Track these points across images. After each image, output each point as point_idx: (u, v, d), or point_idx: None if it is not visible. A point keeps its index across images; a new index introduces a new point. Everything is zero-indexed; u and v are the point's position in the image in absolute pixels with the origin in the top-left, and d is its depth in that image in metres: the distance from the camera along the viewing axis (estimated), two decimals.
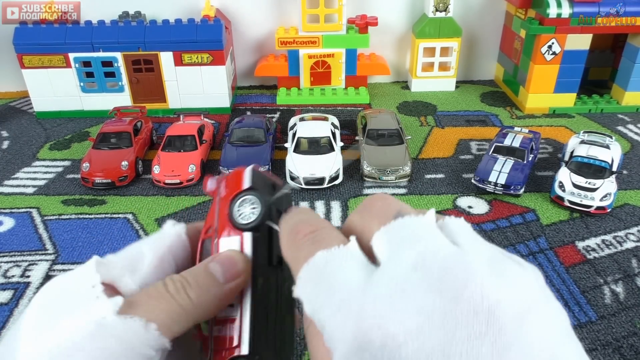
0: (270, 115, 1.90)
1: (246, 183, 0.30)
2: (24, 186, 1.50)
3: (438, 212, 0.29)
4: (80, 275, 0.26)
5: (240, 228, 0.29)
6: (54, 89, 1.85)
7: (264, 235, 0.30)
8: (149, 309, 0.25)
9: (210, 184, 0.32)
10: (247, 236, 0.29)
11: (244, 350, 0.27)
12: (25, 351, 0.23)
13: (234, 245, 0.29)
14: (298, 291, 0.23)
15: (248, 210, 0.29)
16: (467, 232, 0.22)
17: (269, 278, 0.30)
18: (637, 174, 1.53)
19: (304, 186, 1.45)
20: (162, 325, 0.25)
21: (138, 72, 1.84)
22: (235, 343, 0.27)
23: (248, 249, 0.29)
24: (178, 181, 1.46)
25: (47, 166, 1.60)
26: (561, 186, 1.37)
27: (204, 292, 0.27)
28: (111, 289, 0.27)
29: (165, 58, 1.81)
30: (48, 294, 0.26)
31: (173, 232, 0.32)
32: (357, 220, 0.25)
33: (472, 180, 1.45)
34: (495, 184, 1.40)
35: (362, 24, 1.94)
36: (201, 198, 1.43)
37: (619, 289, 1.11)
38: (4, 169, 1.59)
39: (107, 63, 1.82)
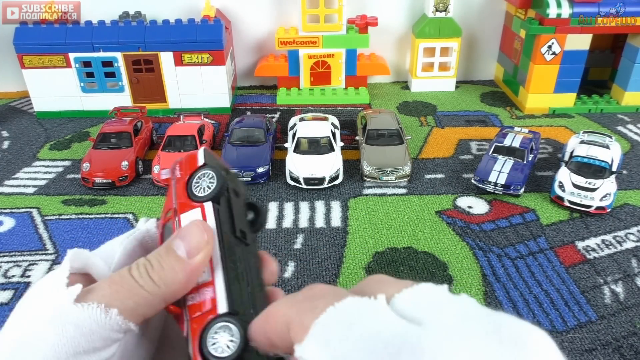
0: (270, 115, 1.90)
1: (200, 161, 0.31)
2: (24, 186, 1.50)
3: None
4: (57, 271, 0.27)
5: (199, 200, 0.29)
6: (54, 89, 1.85)
7: (225, 207, 0.30)
8: (109, 295, 0.25)
9: (165, 173, 0.32)
10: (208, 206, 0.29)
11: (222, 308, 0.27)
12: None
13: (195, 217, 0.29)
14: (310, 341, 0.19)
15: (206, 184, 0.30)
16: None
17: (234, 247, 0.30)
18: (637, 174, 1.53)
19: (304, 186, 1.45)
20: (125, 310, 0.25)
21: (138, 72, 1.84)
22: (210, 305, 0.27)
23: (211, 218, 0.29)
24: None
25: (47, 166, 1.60)
26: (561, 186, 1.37)
27: (169, 271, 0.27)
28: (87, 279, 0.28)
29: (165, 58, 1.81)
30: (28, 293, 0.27)
31: (143, 229, 0.32)
32: (366, 288, 0.22)
33: (472, 180, 1.45)
34: (495, 184, 1.40)
35: (362, 24, 1.94)
36: None
37: (619, 289, 1.11)
38: (4, 169, 1.59)
39: (107, 63, 1.82)
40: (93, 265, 0.29)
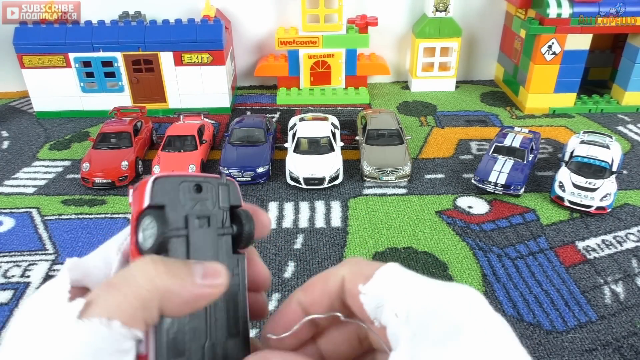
0: (270, 115, 1.90)
1: (146, 201, 0.27)
2: (24, 186, 1.50)
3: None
4: (55, 283, 0.25)
5: (143, 253, 0.27)
6: (54, 89, 1.85)
7: (181, 247, 0.27)
8: (108, 305, 0.24)
9: (131, 194, 0.28)
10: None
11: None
12: None
13: None
14: (377, 278, 0.27)
15: (149, 233, 0.27)
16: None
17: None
18: (637, 174, 1.53)
19: (304, 186, 1.45)
20: (127, 319, 0.24)
21: (138, 72, 1.84)
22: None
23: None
24: None
25: (47, 166, 1.60)
26: (561, 186, 1.37)
27: (176, 280, 0.25)
28: (85, 292, 0.25)
29: (165, 58, 1.81)
30: (25, 310, 0.25)
31: None
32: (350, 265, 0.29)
33: (472, 180, 1.45)
34: (495, 184, 1.40)
35: (362, 24, 1.94)
36: None
37: (619, 289, 1.11)
38: (4, 169, 1.59)
39: (107, 63, 1.82)
40: (92, 276, 0.27)
